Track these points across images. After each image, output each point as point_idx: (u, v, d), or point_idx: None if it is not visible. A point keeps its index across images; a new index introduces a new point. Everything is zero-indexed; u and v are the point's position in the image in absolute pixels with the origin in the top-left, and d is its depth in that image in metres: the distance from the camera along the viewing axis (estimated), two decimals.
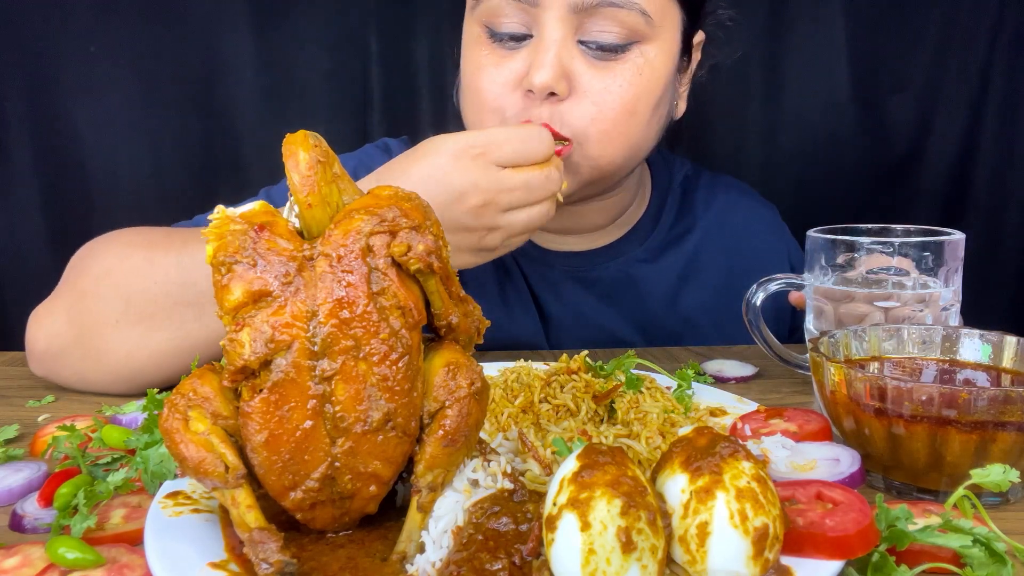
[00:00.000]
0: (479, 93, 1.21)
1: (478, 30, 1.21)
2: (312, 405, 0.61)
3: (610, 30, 1.14)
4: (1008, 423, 0.72)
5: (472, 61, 1.22)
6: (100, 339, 1.08)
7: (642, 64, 1.17)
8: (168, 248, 1.08)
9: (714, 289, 1.46)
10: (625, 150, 1.22)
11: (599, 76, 1.16)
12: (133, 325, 1.07)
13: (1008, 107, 2.04)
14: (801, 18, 2.07)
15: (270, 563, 0.59)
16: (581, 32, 1.15)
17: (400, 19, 2.02)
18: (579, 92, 1.15)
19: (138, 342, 1.07)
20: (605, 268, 1.43)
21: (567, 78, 1.14)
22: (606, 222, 1.43)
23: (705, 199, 1.51)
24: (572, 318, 1.43)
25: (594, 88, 1.15)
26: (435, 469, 0.64)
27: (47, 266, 1.96)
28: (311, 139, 0.65)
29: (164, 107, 1.97)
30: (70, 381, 1.14)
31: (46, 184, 1.97)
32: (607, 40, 1.15)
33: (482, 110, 1.21)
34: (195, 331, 1.05)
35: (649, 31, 1.16)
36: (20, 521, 0.74)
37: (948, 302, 1.04)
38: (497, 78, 1.18)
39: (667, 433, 0.84)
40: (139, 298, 1.06)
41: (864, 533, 0.60)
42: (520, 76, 1.16)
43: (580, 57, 1.15)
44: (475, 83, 1.21)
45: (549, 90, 1.13)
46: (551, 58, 1.12)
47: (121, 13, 1.92)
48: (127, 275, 1.08)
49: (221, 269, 0.62)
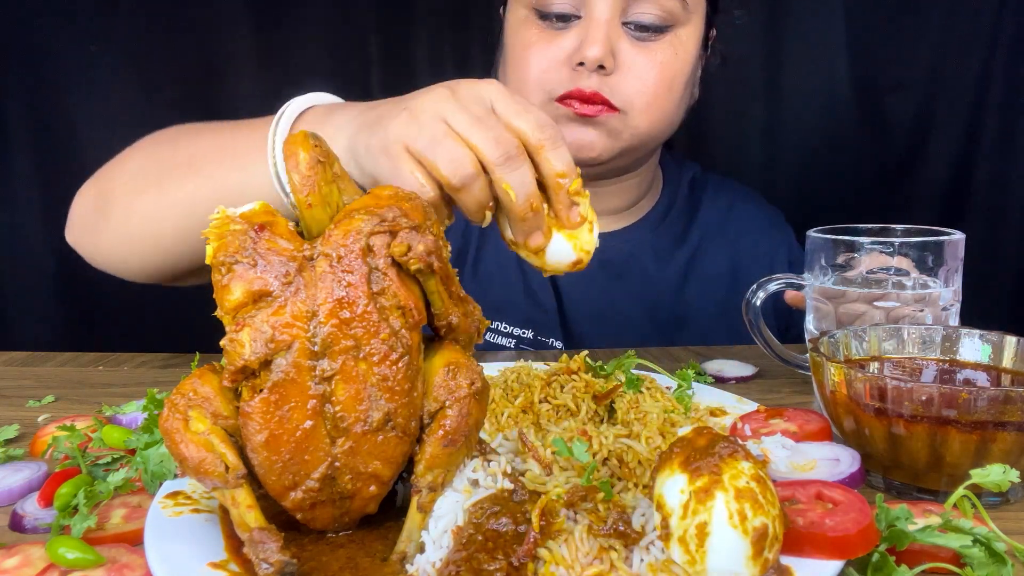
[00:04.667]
0: (527, 69, 1.30)
1: (525, 12, 1.32)
2: (312, 405, 0.61)
3: (652, 12, 1.27)
4: (1008, 423, 0.72)
5: (521, 40, 1.32)
6: (118, 205, 1.14)
7: (678, 45, 1.31)
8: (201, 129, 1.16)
9: (716, 286, 1.50)
10: (661, 121, 1.34)
11: (641, 54, 1.28)
12: (149, 188, 1.12)
13: (1008, 107, 2.04)
14: (801, 18, 2.07)
15: (270, 563, 0.59)
16: (625, 14, 1.27)
17: (400, 19, 2.02)
18: (624, 68, 1.27)
19: (153, 201, 1.11)
20: (617, 251, 1.48)
21: (614, 54, 1.26)
22: (623, 206, 1.50)
23: (710, 200, 1.57)
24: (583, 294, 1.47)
25: (638, 64, 1.28)
26: (435, 469, 0.64)
27: (47, 266, 1.97)
28: (311, 139, 0.65)
29: (164, 107, 1.97)
30: (89, 251, 1.21)
31: (46, 184, 1.97)
32: (648, 21, 1.27)
33: (527, 84, 1.30)
34: (217, 178, 1.06)
35: (684, 16, 1.30)
36: (20, 521, 0.74)
37: (948, 302, 1.04)
38: (547, 54, 1.28)
39: (667, 433, 0.84)
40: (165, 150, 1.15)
41: (864, 533, 0.60)
42: (569, 53, 1.27)
43: (624, 37, 1.28)
44: (523, 60, 1.31)
45: (600, 63, 1.24)
46: (602, 35, 1.24)
47: (121, 13, 1.93)
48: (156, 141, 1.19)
49: (221, 269, 0.62)
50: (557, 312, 1.45)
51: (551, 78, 1.28)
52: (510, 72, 1.36)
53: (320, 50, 2.01)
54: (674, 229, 1.53)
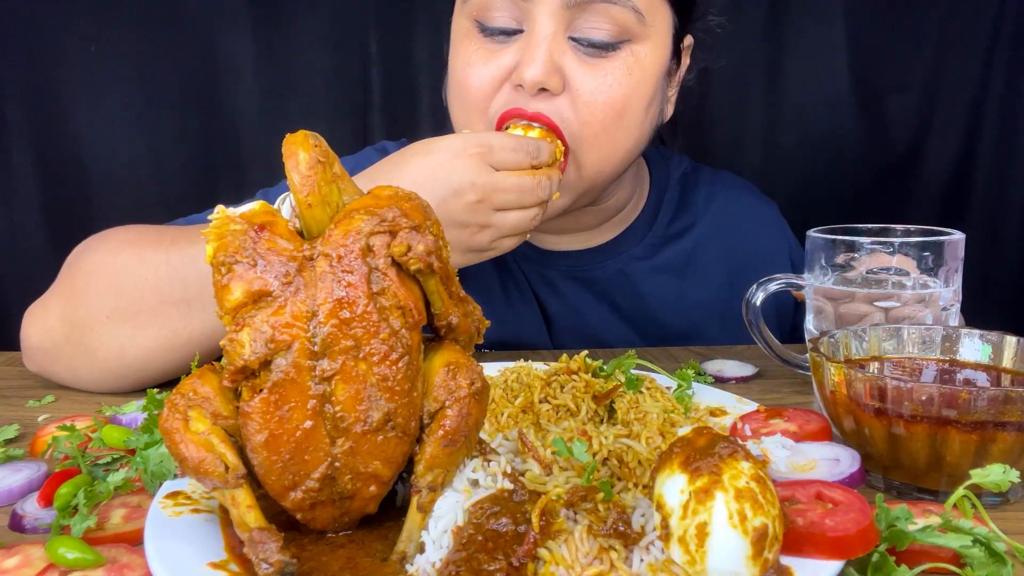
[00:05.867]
0: (467, 89, 1.19)
1: (467, 24, 1.20)
2: (312, 405, 0.61)
3: (602, 27, 1.14)
4: (1008, 423, 0.72)
5: (460, 56, 1.21)
6: (91, 335, 1.08)
7: (632, 63, 1.17)
8: (158, 246, 1.08)
9: (714, 287, 1.46)
10: (614, 155, 1.21)
11: (590, 74, 1.15)
12: (123, 322, 1.07)
13: (1008, 107, 2.04)
14: (801, 18, 2.07)
15: (270, 563, 0.59)
16: (572, 28, 1.14)
17: (400, 19, 2.02)
18: (571, 89, 1.15)
19: (128, 339, 1.07)
20: (603, 267, 1.43)
21: (558, 73, 1.14)
22: (601, 222, 1.43)
23: (705, 196, 1.50)
24: (572, 317, 1.43)
25: (585, 87, 1.15)
26: (435, 469, 0.64)
27: (47, 266, 1.96)
28: (311, 139, 0.65)
29: (164, 107, 1.98)
30: (63, 377, 1.14)
31: (46, 184, 1.97)
32: (598, 37, 1.14)
33: (468, 105, 1.21)
34: (183, 329, 1.06)
35: (640, 30, 1.16)
36: (20, 521, 0.74)
37: (948, 302, 1.04)
38: (485, 73, 1.17)
39: (667, 433, 0.84)
40: (128, 295, 1.06)
41: (864, 533, 0.60)
42: (508, 70, 1.16)
43: (571, 53, 1.15)
44: (463, 78, 1.20)
45: (540, 86, 1.13)
46: (542, 53, 1.12)
47: (121, 13, 1.93)
48: (117, 272, 1.08)
49: (221, 269, 0.62)
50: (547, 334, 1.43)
51: (490, 100, 1.17)
52: (451, 93, 1.26)
53: (320, 50, 2.01)
54: (664, 235, 1.46)
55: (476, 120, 1.20)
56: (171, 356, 1.06)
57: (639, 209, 1.47)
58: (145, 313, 1.06)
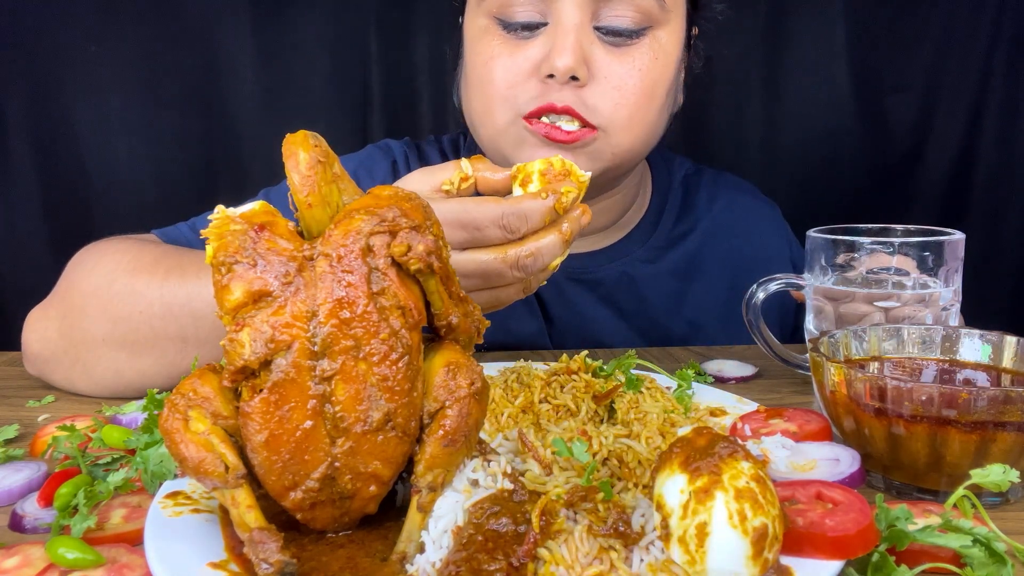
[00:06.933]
0: (491, 84, 1.19)
1: (486, 22, 1.20)
2: (312, 405, 0.61)
3: (626, 15, 1.15)
4: (1008, 423, 0.72)
5: (482, 53, 1.20)
6: (88, 355, 1.08)
7: (657, 48, 1.19)
8: (151, 278, 1.06)
9: (717, 289, 1.46)
10: (645, 136, 1.23)
11: (617, 61, 1.16)
12: (118, 348, 1.07)
13: (1008, 107, 2.04)
14: (801, 18, 2.07)
15: (270, 563, 0.59)
16: (596, 18, 1.15)
17: (400, 19, 2.02)
18: (599, 78, 1.16)
19: (125, 363, 1.07)
20: (606, 270, 1.42)
21: (587, 63, 1.15)
22: (607, 223, 1.42)
23: (707, 198, 1.51)
24: (575, 320, 1.43)
25: (614, 73, 1.16)
26: (435, 469, 0.64)
27: (47, 266, 1.95)
28: (311, 139, 0.65)
29: (164, 107, 1.98)
30: (61, 385, 1.14)
31: (46, 184, 1.98)
32: (622, 25, 1.16)
33: (493, 101, 1.19)
34: (181, 361, 1.06)
35: (662, 16, 1.18)
36: (20, 521, 0.74)
37: (948, 302, 1.04)
38: (512, 67, 1.17)
39: (667, 433, 0.84)
40: (123, 325, 1.06)
41: (864, 533, 0.60)
42: (537, 63, 1.16)
43: (597, 43, 1.16)
44: (486, 74, 1.19)
45: (572, 74, 1.13)
46: (572, 42, 1.12)
47: (121, 13, 1.93)
48: (112, 299, 1.07)
49: (221, 269, 0.62)
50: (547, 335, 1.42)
51: (518, 93, 1.17)
52: (473, 90, 1.24)
53: (320, 49, 2.01)
54: (668, 237, 1.46)
55: (501, 114, 1.19)
56: (169, 383, 1.05)
57: (642, 212, 1.47)
58: (141, 343, 1.06)
